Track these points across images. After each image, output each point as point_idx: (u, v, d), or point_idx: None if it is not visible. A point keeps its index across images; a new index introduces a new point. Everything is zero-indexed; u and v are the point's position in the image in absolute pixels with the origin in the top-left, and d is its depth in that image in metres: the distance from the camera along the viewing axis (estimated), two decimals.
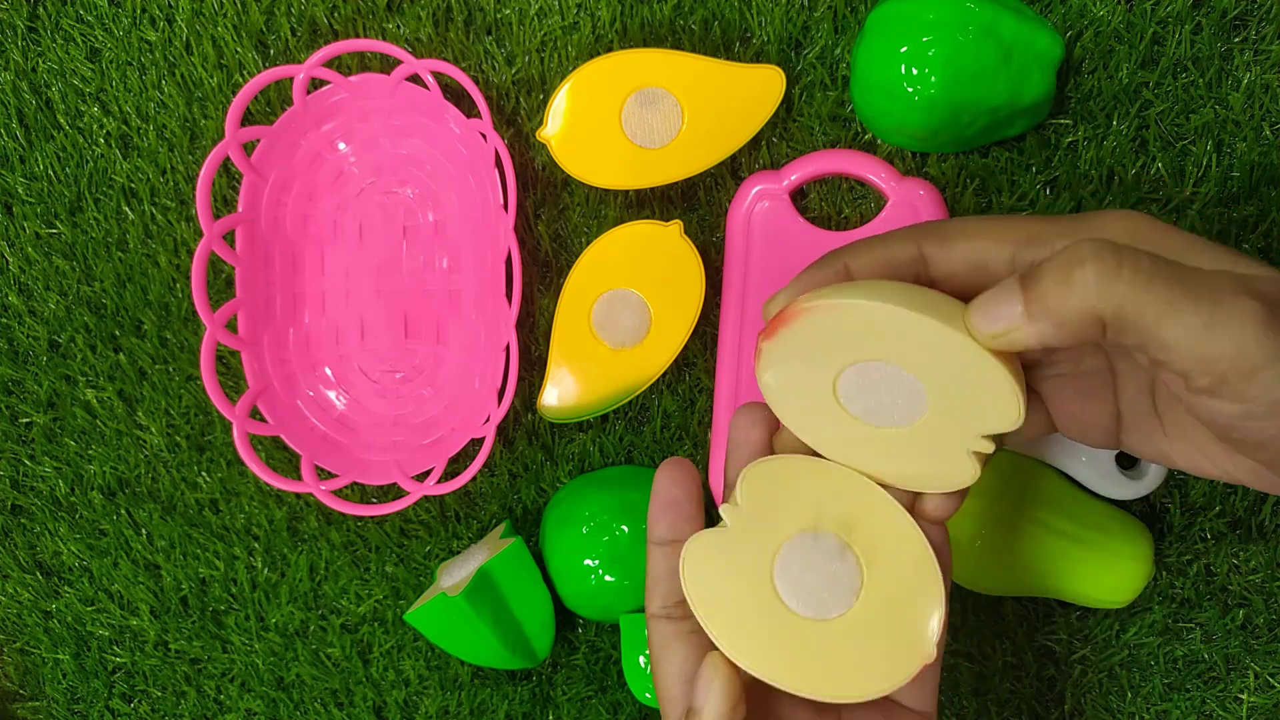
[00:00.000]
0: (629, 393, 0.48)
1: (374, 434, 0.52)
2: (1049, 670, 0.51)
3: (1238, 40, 0.47)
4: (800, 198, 0.49)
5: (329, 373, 0.52)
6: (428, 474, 0.49)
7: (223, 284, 0.52)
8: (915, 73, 0.44)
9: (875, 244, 0.32)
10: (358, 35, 0.50)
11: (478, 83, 0.49)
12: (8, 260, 0.53)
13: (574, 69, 0.48)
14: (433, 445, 0.50)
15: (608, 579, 0.48)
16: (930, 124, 0.45)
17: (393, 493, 0.52)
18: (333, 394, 0.52)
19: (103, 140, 0.52)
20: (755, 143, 0.49)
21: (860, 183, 0.49)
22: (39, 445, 0.54)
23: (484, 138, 0.47)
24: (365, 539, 0.53)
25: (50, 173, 0.53)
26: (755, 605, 0.33)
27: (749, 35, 0.49)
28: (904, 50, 0.44)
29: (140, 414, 0.54)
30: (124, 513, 0.54)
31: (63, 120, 0.52)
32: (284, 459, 0.53)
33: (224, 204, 0.52)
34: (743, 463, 0.34)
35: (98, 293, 0.53)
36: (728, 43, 0.49)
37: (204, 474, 0.54)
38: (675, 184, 0.50)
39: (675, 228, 0.47)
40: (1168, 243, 0.29)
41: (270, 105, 0.51)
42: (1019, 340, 0.28)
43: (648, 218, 0.50)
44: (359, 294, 0.51)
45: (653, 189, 0.50)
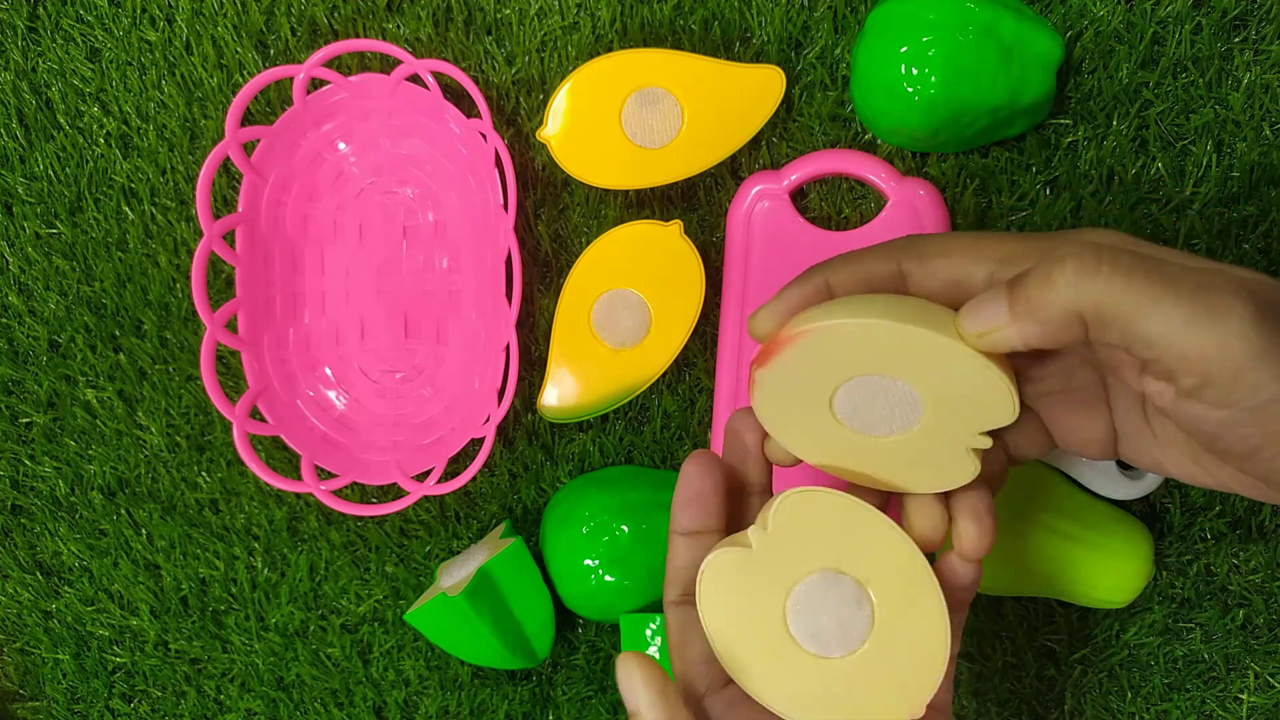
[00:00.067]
0: (629, 393, 0.48)
1: (374, 434, 0.52)
2: (1049, 670, 0.51)
3: (1238, 40, 0.47)
4: (800, 198, 0.49)
5: (329, 373, 0.52)
6: (428, 474, 0.49)
7: (223, 284, 0.52)
8: (915, 73, 0.44)
9: (855, 259, 0.32)
10: (358, 35, 0.50)
11: (478, 83, 0.49)
12: (8, 260, 0.53)
13: (574, 69, 0.48)
14: (433, 445, 0.50)
15: (608, 579, 0.48)
16: (930, 124, 0.45)
17: (393, 493, 0.52)
18: (333, 394, 0.52)
19: (103, 140, 0.52)
20: (755, 143, 0.49)
21: (860, 183, 0.49)
22: (39, 445, 0.54)
23: (484, 138, 0.47)
24: (365, 539, 0.53)
25: (50, 173, 0.53)
26: (763, 630, 0.33)
27: (749, 35, 0.49)
28: (904, 50, 0.44)
29: (140, 414, 0.54)
30: (124, 513, 0.54)
31: (63, 120, 0.52)
32: (284, 459, 0.53)
33: (224, 204, 0.52)
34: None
35: (98, 293, 0.53)
36: (728, 43, 0.49)
37: (204, 474, 0.54)
38: (675, 184, 0.50)
39: (675, 228, 0.47)
40: (1145, 248, 0.29)
41: (270, 105, 0.51)
42: (1003, 340, 0.28)
43: (648, 218, 0.50)
44: (359, 294, 0.51)
45: (653, 189, 0.50)
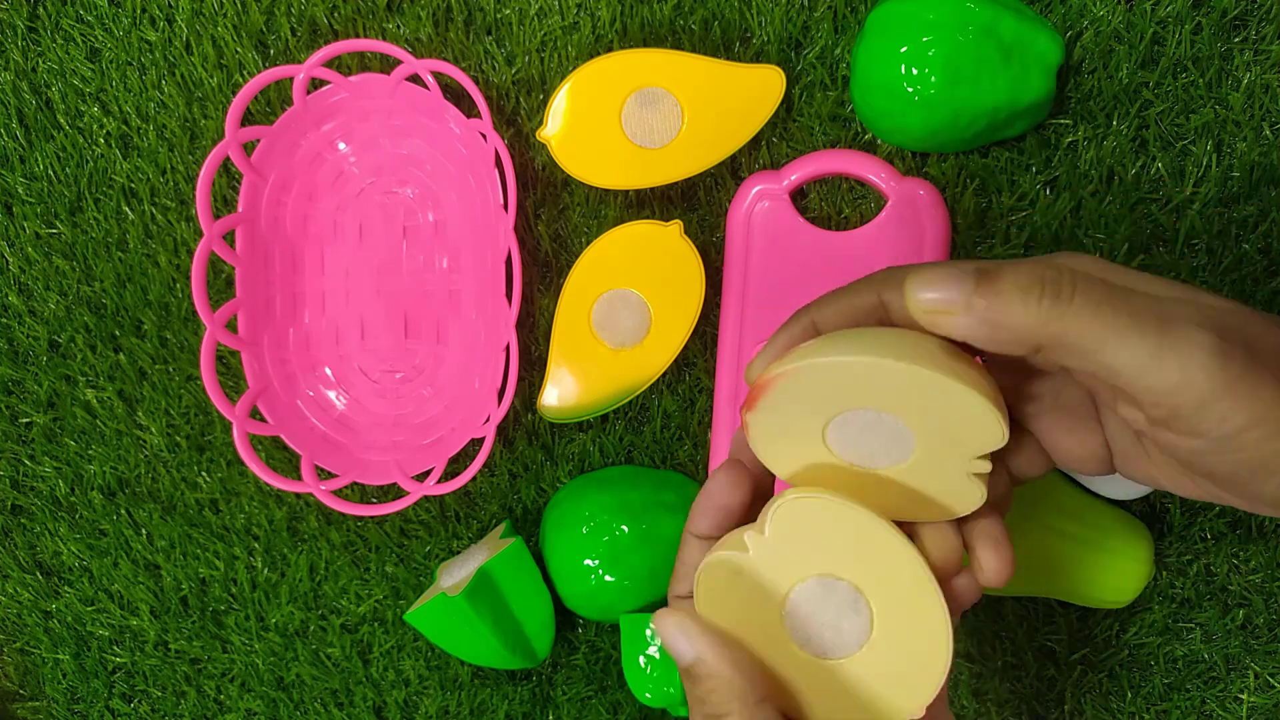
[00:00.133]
0: (629, 393, 0.48)
1: (374, 434, 0.52)
2: (1049, 670, 0.51)
3: (1238, 40, 0.47)
4: (800, 198, 0.49)
5: (329, 373, 0.52)
6: (428, 474, 0.49)
7: (223, 284, 0.52)
8: (915, 73, 0.44)
9: (838, 296, 0.33)
10: (358, 35, 0.50)
11: (478, 83, 0.49)
12: (8, 260, 0.53)
13: (574, 69, 0.48)
14: (433, 445, 0.50)
15: (608, 579, 0.48)
16: (930, 124, 0.45)
17: (393, 493, 0.52)
18: (333, 394, 0.52)
19: (103, 140, 0.52)
20: (755, 143, 0.49)
21: (860, 183, 0.49)
22: (39, 445, 0.54)
23: (484, 138, 0.47)
24: (365, 539, 0.53)
25: (50, 173, 0.53)
26: (760, 633, 0.33)
27: (749, 35, 0.49)
28: (904, 50, 0.44)
29: (140, 414, 0.54)
30: (124, 513, 0.54)
31: (63, 120, 0.52)
32: (284, 459, 0.53)
33: (224, 204, 0.52)
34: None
35: (98, 293, 0.53)
36: (728, 43, 0.49)
37: (204, 474, 0.54)
38: (675, 184, 0.50)
39: (675, 228, 0.47)
40: (1114, 275, 0.29)
41: (270, 105, 0.51)
42: (947, 324, 0.28)
43: (648, 218, 0.50)
44: (359, 294, 0.51)
45: (653, 189, 0.50)
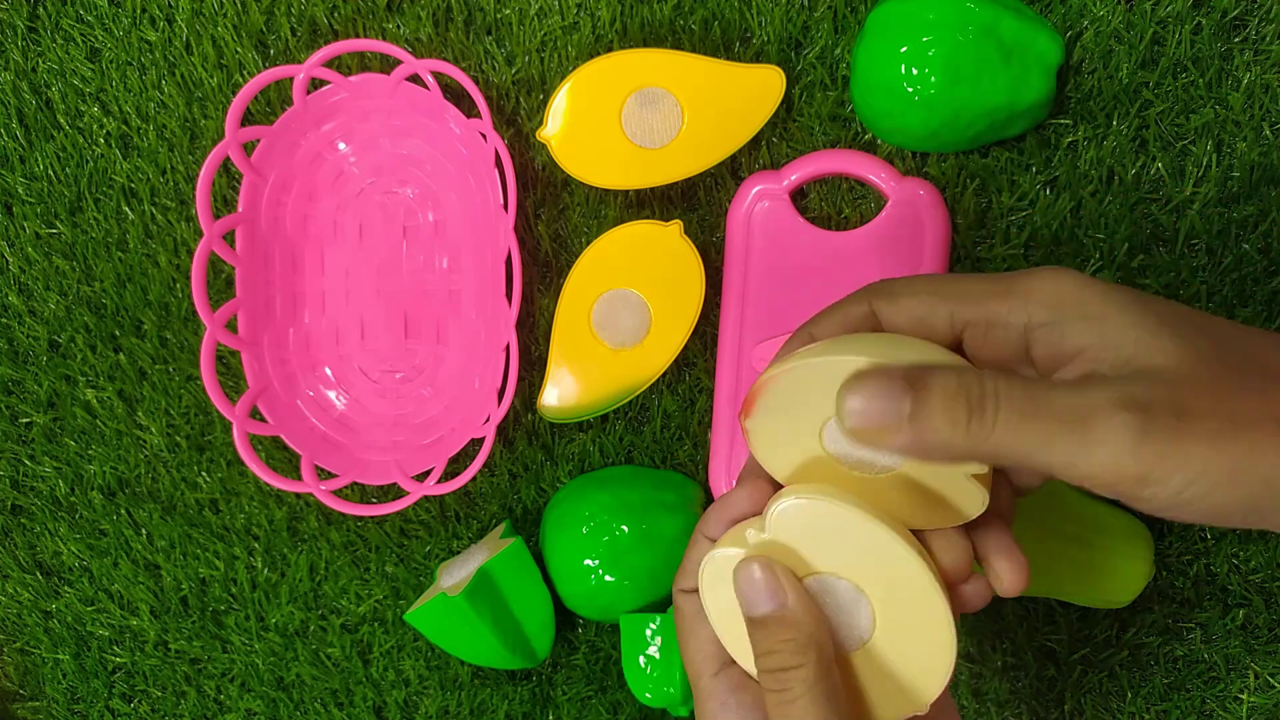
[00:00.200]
0: (629, 393, 0.48)
1: (374, 434, 0.52)
2: (1049, 670, 0.51)
3: (1238, 40, 0.47)
4: (800, 198, 0.49)
5: (329, 373, 0.52)
6: (428, 474, 0.49)
7: (223, 284, 0.52)
8: (915, 73, 0.44)
9: (833, 308, 0.34)
10: (358, 35, 0.50)
11: (478, 83, 0.49)
12: (8, 260, 0.53)
13: (574, 69, 0.48)
14: (433, 445, 0.50)
15: (608, 579, 0.48)
16: (930, 124, 0.45)
17: (393, 493, 0.52)
18: (333, 394, 0.52)
19: (103, 140, 0.52)
20: (755, 143, 0.49)
21: (860, 183, 0.49)
22: (39, 445, 0.54)
23: (484, 138, 0.47)
24: (365, 539, 0.53)
25: (50, 173, 0.53)
26: None
27: (749, 35, 0.49)
28: (904, 50, 0.44)
29: (140, 414, 0.54)
30: (124, 513, 0.54)
31: (63, 120, 0.52)
32: (284, 459, 0.53)
33: (224, 204, 0.52)
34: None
35: (98, 293, 0.53)
36: (728, 43, 0.49)
37: (204, 474, 0.54)
38: (675, 184, 0.50)
39: (675, 228, 0.47)
40: (1091, 304, 0.29)
41: (270, 105, 0.51)
42: (885, 442, 0.28)
43: (648, 218, 0.50)
44: (359, 294, 0.51)
45: (653, 189, 0.50)
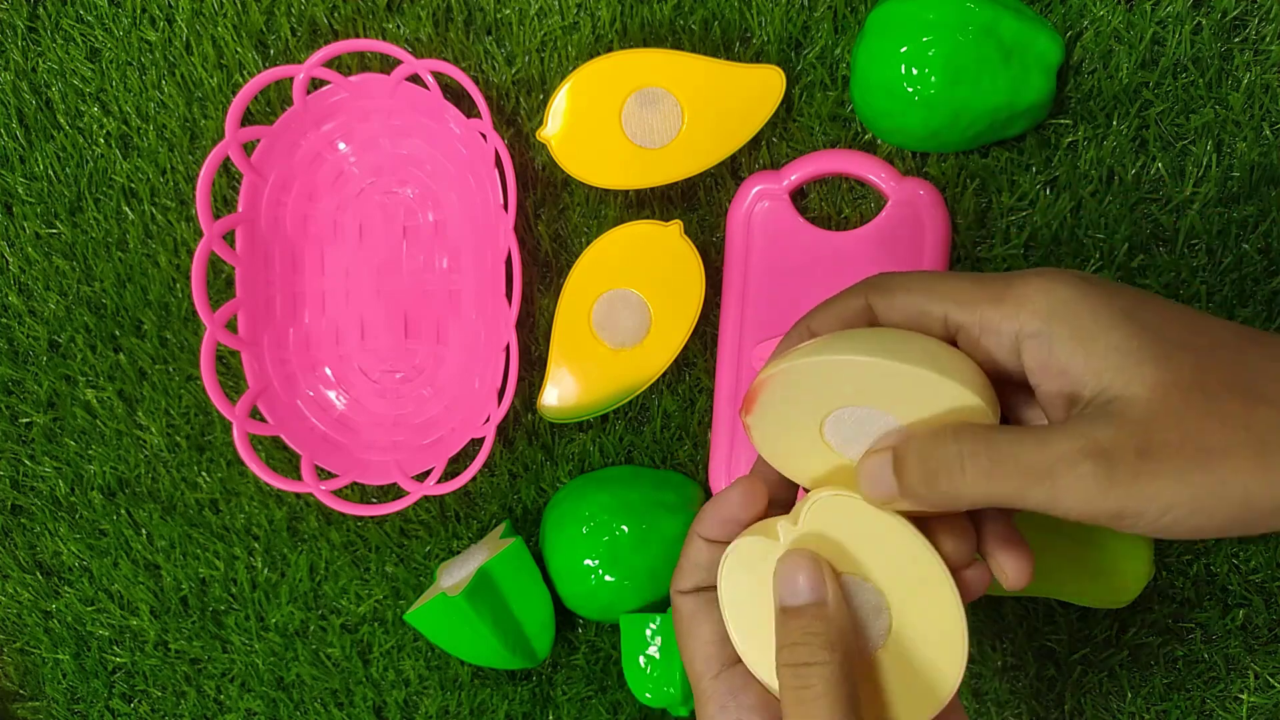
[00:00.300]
0: (629, 393, 0.48)
1: (374, 434, 0.52)
2: (1049, 670, 0.51)
3: (1238, 40, 0.47)
4: (800, 198, 0.49)
5: (329, 373, 0.52)
6: (428, 474, 0.49)
7: (223, 284, 0.52)
8: (915, 73, 0.44)
9: (831, 302, 0.34)
10: (358, 35, 0.50)
11: (478, 83, 0.49)
12: (8, 260, 0.53)
13: (574, 69, 0.48)
14: (433, 445, 0.50)
15: (608, 579, 0.48)
16: (930, 124, 0.45)
17: (393, 493, 0.52)
18: (333, 394, 0.52)
19: (103, 140, 0.52)
20: (755, 143, 0.49)
21: (860, 183, 0.49)
22: (39, 445, 0.54)
23: (484, 138, 0.47)
24: (365, 539, 0.53)
25: (50, 173, 0.53)
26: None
27: (749, 35, 0.49)
28: (904, 50, 0.44)
29: (140, 414, 0.54)
30: (124, 513, 0.54)
31: (63, 120, 0.52)
32: (284, 459, 0.53)
33: (224, 204, 0.52)
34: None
35: (98, 293, 0.53)
36: (728, 43, 0.49)
37: (204, 474, 0.54)
38: (675, 184, 0.50)
39: (675, 228, 0.47)
40: (1081, 319, 0.29)
41: (270, 105, 0.51)
42: (899, 507, 0.31)
43: (648, 218, 0.50)
44: (359, 294, 0.51)
45: (653, 189, 0.50)
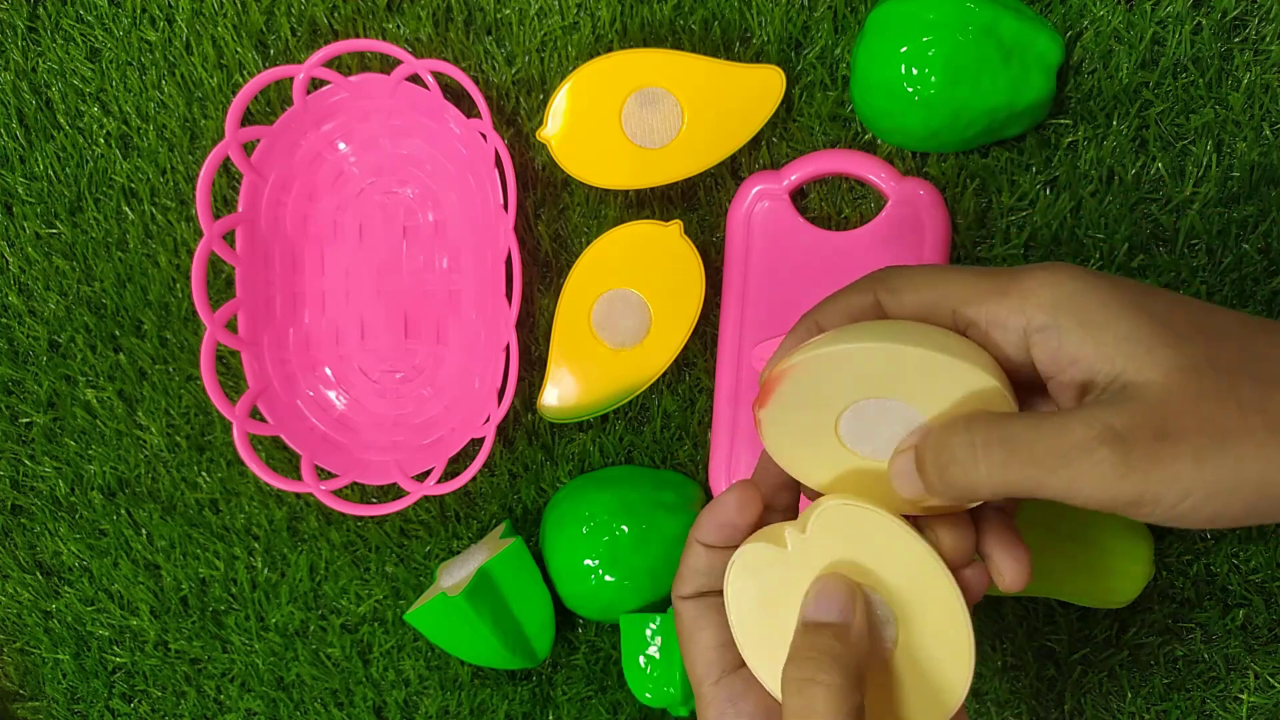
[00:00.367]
0: (629, 393, 0.48)
1: (374, 434, 0.52)
2: (1049, 670, 0.51)
3: (1238, 40, 0.47)
4: (800, 198, 0.49)
5: (329, 373, 0.52)
6: (428, 474, 0.49)
7: (223, 284, 0.52)
8: (915, 73, 0.44)
9: (837, 297, 0.34)
10: (358, 35, 0.50)
11: (478, 83, 0.49)
12: (8, 260, 0.53)
13: (574, 69, 0.48)
14: (433, 445, 0.50)
15: (608, 579, 0.48)
16: (930, 124, 0.45)
17: (393, 493, 0.52)
18: (333, 394, 0.52)
19: (103, 140, 0.52)
20: (755, 143, 0.49)
21: (860, 183, 0.49)
22: (39, 445, 0.54)
23: (484, 138, 0.47)
24: (365, 539, 0.53)
25: (50, 173, 0.53)
26: (785, 626, 0.33)
27: (749, 35, 0.49)
28: (904, 50, 0.44)
29: (140, 414, 0.54)
30: (124, 513, 0.54)
31: (63, 120, 0.52)
32: (284, 459, 0.53)
33: (224, 204, 0.52)
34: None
35: (98, 293, 0.53)
36: (728, 43, 0.49)
37: (204, 474, 0.54)
38: (675, 184, 0.50)
39: (675, 228, 0.47)
40: (1089, 309, 0.29)
41: (270, 105, 0.51)
42: (927, 504, 0.31)
43: (648, 218, 0.50)
44: (359, 294, 0.51)
45: (653, 189, 0.50)
